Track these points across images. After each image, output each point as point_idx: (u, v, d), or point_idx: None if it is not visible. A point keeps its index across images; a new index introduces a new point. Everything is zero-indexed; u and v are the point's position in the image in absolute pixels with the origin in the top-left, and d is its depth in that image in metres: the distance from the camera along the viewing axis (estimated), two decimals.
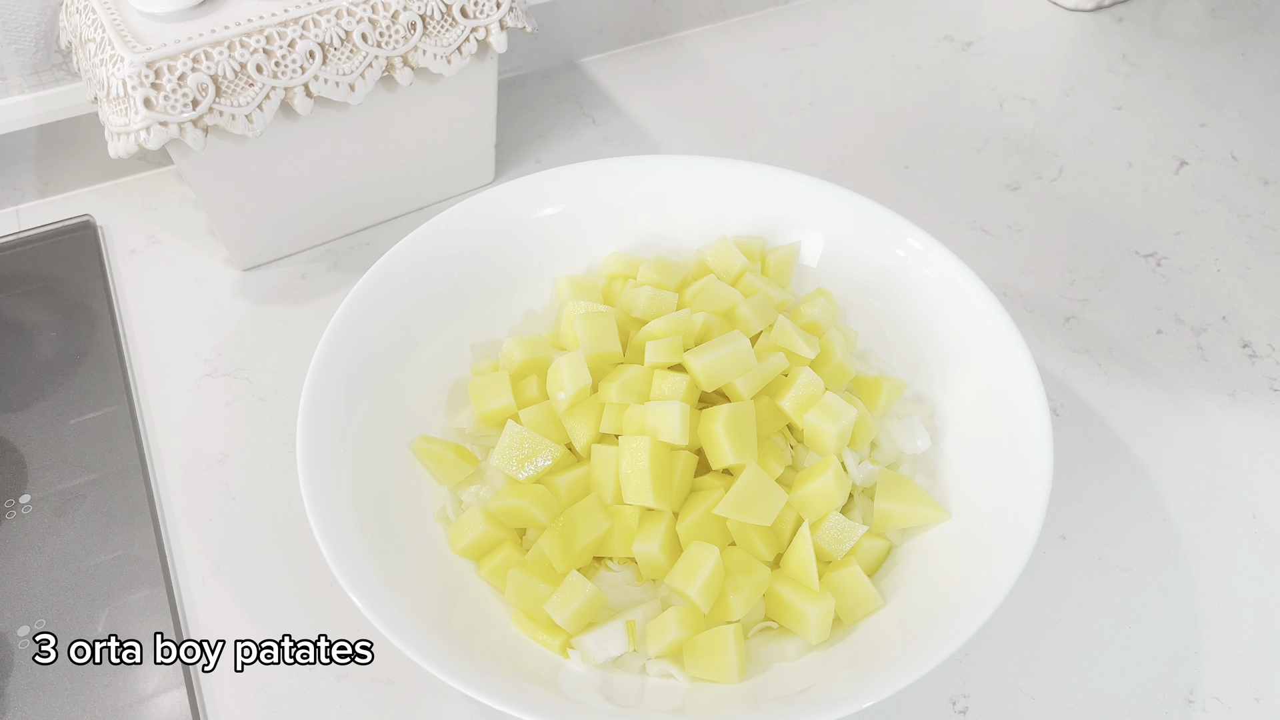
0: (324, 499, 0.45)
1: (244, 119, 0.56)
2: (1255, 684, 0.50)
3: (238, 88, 0.56)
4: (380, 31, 0.58)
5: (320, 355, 0.49)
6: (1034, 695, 0.49)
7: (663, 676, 0.46)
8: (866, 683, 0.41)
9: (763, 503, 0.46)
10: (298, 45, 0.56)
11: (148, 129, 0.54)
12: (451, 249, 0.56)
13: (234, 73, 0.55)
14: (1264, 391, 0.61)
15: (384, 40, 0.59)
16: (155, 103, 0.54)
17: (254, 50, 0.55)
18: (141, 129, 0.54)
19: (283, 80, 0.57)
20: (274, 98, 0.57)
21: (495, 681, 0.40)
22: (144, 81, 0.53)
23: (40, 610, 0.51)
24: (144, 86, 0.53)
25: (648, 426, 0.48)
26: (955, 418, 0.52)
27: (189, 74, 0.54)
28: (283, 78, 0.57)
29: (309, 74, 0.57)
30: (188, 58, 0.54)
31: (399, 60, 0.60)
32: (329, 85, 0.58)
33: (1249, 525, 0.55)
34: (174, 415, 0.59)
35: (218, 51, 0.54)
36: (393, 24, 0.58)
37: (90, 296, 0.65)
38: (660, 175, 0.59)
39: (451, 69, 0.62)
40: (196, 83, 0.54)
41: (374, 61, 0.59)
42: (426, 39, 0.60)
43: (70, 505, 0.55)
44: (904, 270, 0.56)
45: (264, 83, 0.56)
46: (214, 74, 0.55)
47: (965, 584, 0.45)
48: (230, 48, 0.55)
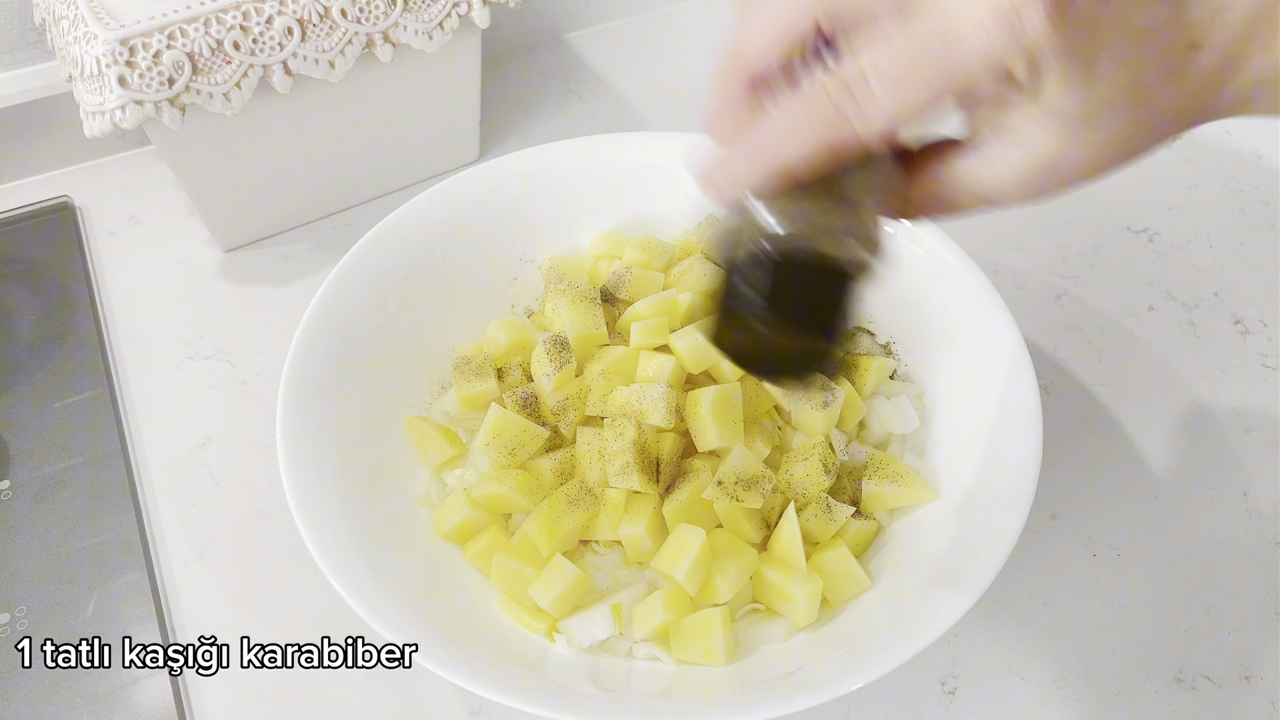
0: (305, 484, 0.44)
1: (222, 98, 0.55)
2: (1244, 663, 0.49)
3: (215, 65, 0.54)
4: (360, 7, 0.57)
5: (300, 338, 0.49)
6: (1023, 675, 0.49)
7: (649, 660, 0.45)
8: (855, 665, 0.41)
9: (749, 486, 0.46)
10: (275, 21, 0.55)
11: (123, 108, 0.53)
12: (434, 228, 0.55)
13: (210, 50, 0.54)
14: (1255, 368, 0.61)
15: (364, 16, 0.58)
16: (130, 81, 0.53)
17: (230, 27, 0.54)
18: (116, 108, 0.53)
19: (261, 58, 0.56)
20: (252, 76, 0.56)
21: (480, 667, 0.40)
22: (118, 59, 0.52)
23: (21, 597, 0.50)
24: (118, 64, 0.52)
25: (633, 409, 0.47)
26: (944, 397, 0.52)
27: (164, 51, 0.53)
28: (261, 55, 0.55)
29: (288, 51, 0.56)
30: (163, 34, 0.53)
31: (379, 36, 0.59)
32: (308, 63, 0.57)
33: (1240, 503, 0.55)
34: (155, 399, 0.59)
35: (193, 28, 0.53)
36: (380, 0, 0.58)
37: (69, 279, 0.64)
38: (647, 153, 0.58)
39: (433, 45, 0.61)
40: (172, 60, 0.53)
41: (354, 38, 0.58)
42: (408, 14, 0.59)
43: (51, 491, 0.54)
44: (893, 247, 0.55)
45: (241, 60, 0.55)
46: (190, 51, 0.53)
47: (954, 565, 0.44)
48: (206, 24, 0.54)
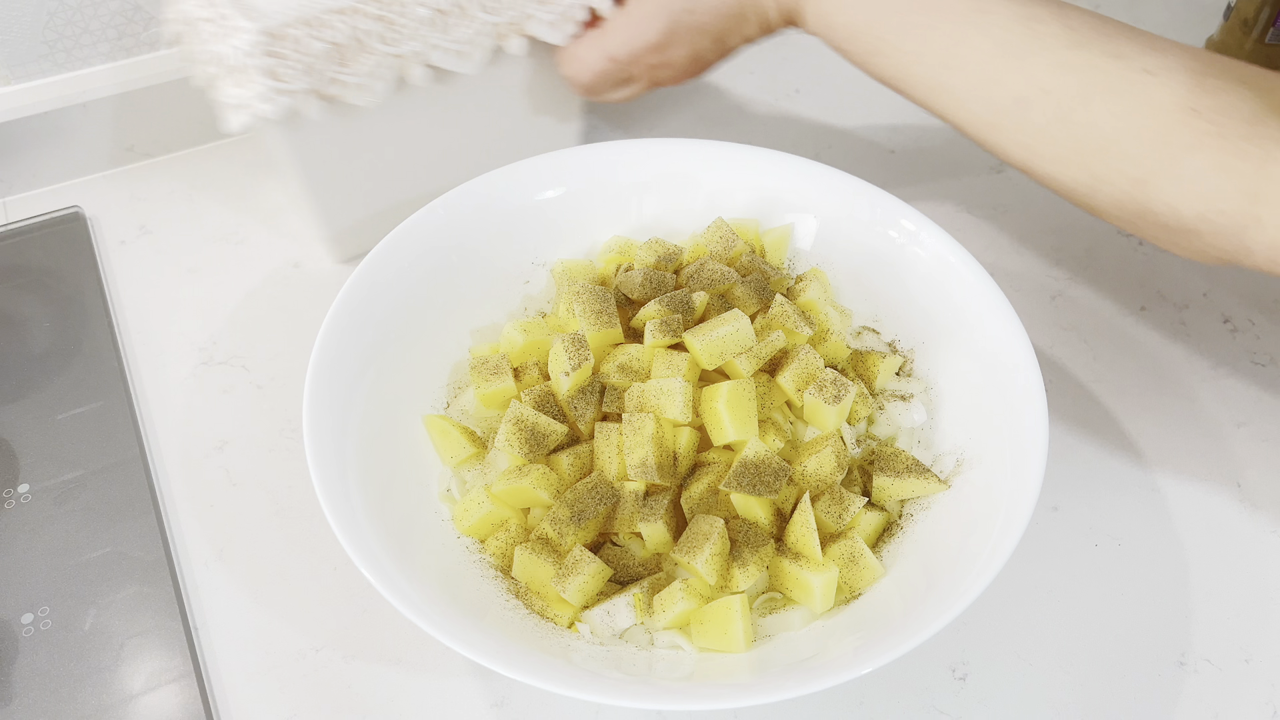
0: (331, 480, 0.45)
1: (362, 89, 0.55)
2: (1244, 646, 0.51)
3: (356, 56, 0.54)
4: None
5: (323, 338, 0.50)
6: (1031, 661, 0.50)
7: (671, 648, 0.46)
8: (869, 650, 0.42)
9: (765, 477, 0.47)
10: (415, 11, 0.55)
11: (267, 99, 0.53)
12: (450, 233, 0.56)
13: (352, 41, 0.54)
14: (1245, 364, 0.63)
15: (499, 6, 0.57)
16: (274, 72, 0.53)
17: (373, 17, 0.54)
18: (260, 99, 0.53)
19: (401, 48, 0.55)
20: (392, 67, 0.56)
21: (509, 653, 0.41)
22: (263, 51, 0.52)
23: (43, 598, 0.51)
24: (263, 56, 0.52)
25: (650, 404, 0.48)
26: (950, 392, 0.53)
27: (308, 42, 0.53)
28: (401, 45, 0.55)
29: (427, 42, 0.56)
30: (307, 25, 0.53)
31: (513, 27, 0.59)
32: (446, 54, 0.57)
33: (1234, 493, 0.57)
34: (171, 404, 0.59)
35: (337, 19, 0.53)
36: None
37: (82, 288, 0.65)
38: (657, 158, 0.59)
39: (560, 36, 0.60)
40: (315, 51, 0.53)
41: (488, 29, 0.57)
42: (539, 5, 0.58)
43: (71, 495, 0.54)
44: (897, 250, 0.56)
45: (383, 51, 0.55)
46: (333, 41, 0.53)
47: (963, 553, 0.46)
48: (349, 15, 0.53)
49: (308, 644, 0.50)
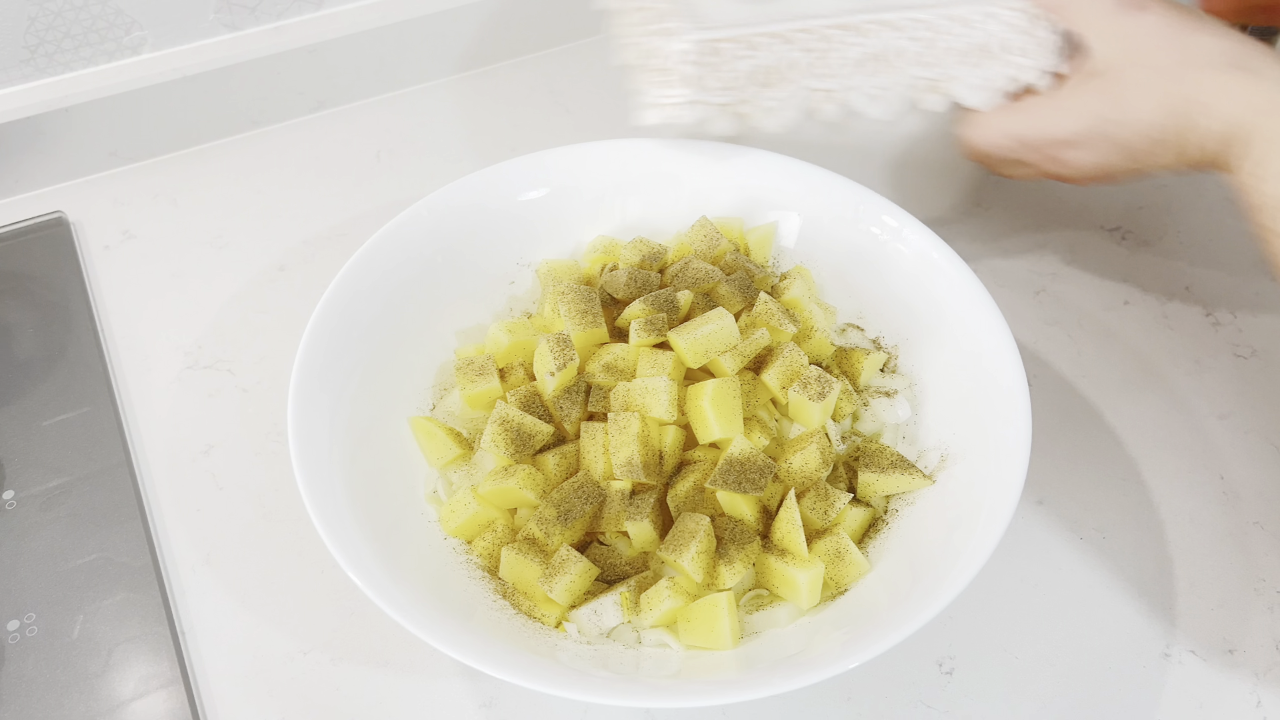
0: (317, 483, 0.45)
1: (774, 114, 0.55)
2: (1228, 637, 0.51)
3: (776, 81, 0.54)
4: (926, 50, 0.55)
5: (308, 341, 0.50)
6: (1017, 655, 0.51)
7: (658, 646, 0.46)
8: (856, 644, 0.42)
9: (750, 475, 0.47)
10: (846, 51, 0.54)
11: (683, 105, 0.53)
12: (435, 235, 0.56)
13: (778, 66, 0.53)
14: (1227, 357, 0.63)
15: (931, 61, 0.55)
16: (698, 81, 0.53)
17: (804, 48, 0.53)
18: (678, 104, 0.53)
19: (822, 82, 0.54)
20: (804, 98, 0.55)
21: (497, 653, 0.41)
22: (693, 60, 0.52)
23: (29, 605, 0.50)
24: (691, 64, 0.52)
25: (636, 403, 0.49)
26: (934, 388, 0.54)
27: (737, 59, 0.52)
28: (824, 80, 0.54)
29: (848, 81, 0.54)
30: (740, 43, 0.52)
31: (935, 84, 0.56)
32: (863, 97, 0.55)
33: (1217, 486, 0.57)
34: (157, 409, 0.59)
35: (769, 42, 0.53)
36: (945, 50, 0.55)
37: (66, 293, 0.65)
38: (641, 157, 0.59)
39: (979, 100, 0.57)
40: (741, 70, 0.53)
41: (910, 81, 0.55)
42: (969, 69, 0.56)
43: (56, 501, 0.54)
44: (880, 247, 0.57)
45: (802, 81, 0.54)
46: (759, 64, 0.53)
47: (948, 548, 0.46)
48: (782, 40, 0.53)
49: (296, 647, 0.50)
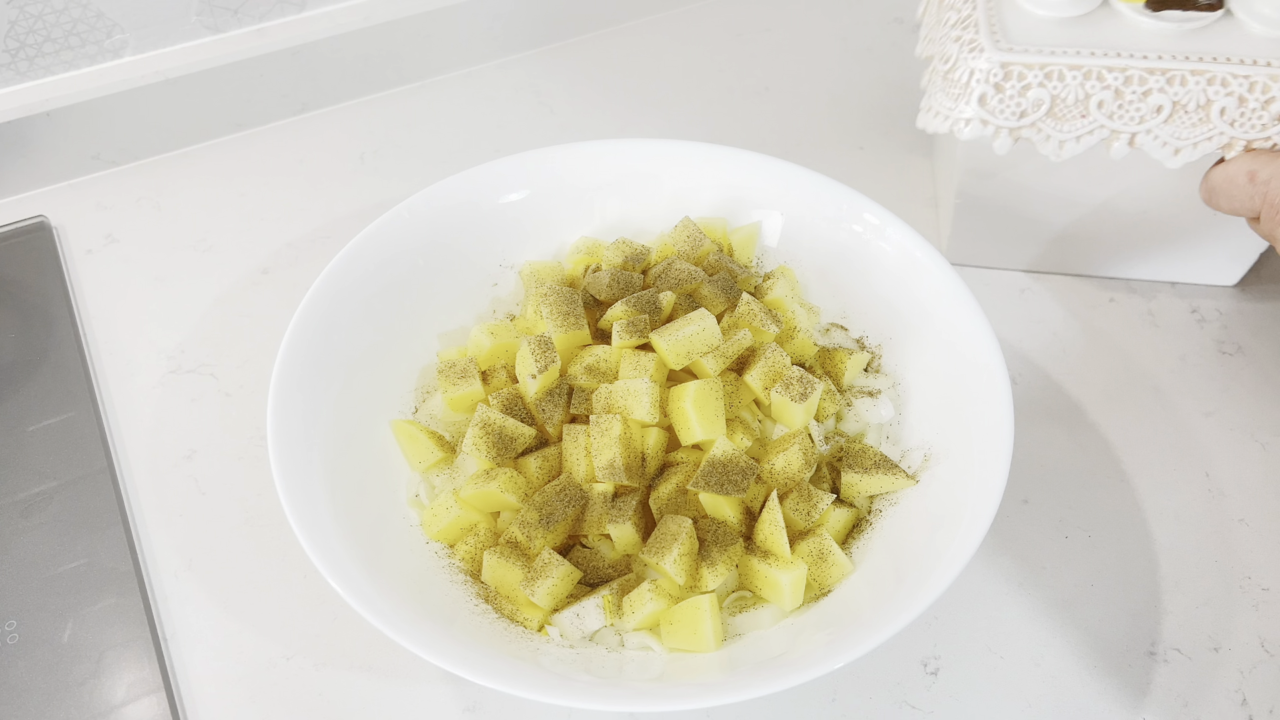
0: (297, 487, 0.45)
1: (1058, 144, 0.53)
2: (1213, 635, 0.51)
3: (1070, 115, 0.53)
4: (1244, 112, 0.52)
5: (288, 345, 0.49)
6: (1002, 654, 0.50)
7: (641, 649, 0.46)
8: (839, 645, 0.42)
9: (733, 476, 0.47)
10: (1151, 97, 0.52)
11: (969, 122, 0.53)
12: (416, 237, 0.56)
13: (1075, 100, 0.52)
14: (1212, 354, 0.63)
15: (1242, 122, 0.52)
16: (989, 101, 0.52)
17: (1107, 86, 0.52)
18: (964, 120, 0.53)
19: (1116, 124, 0.53)
20: (1097, 136, 0.53)
21: (478, 659, 0.41)
22: (990, 79, 0.52)
23: (11, 611, 0.50)
24: (987, 84, 0.52)
25: (618, 405, 0.48)
26: (918, 387, 0.54)
27: (1033, 87, 0.52)
28: (1117, 121, 0.53)
29: (1144, 126, 0.53)
30: (1041, 70, 0.51)
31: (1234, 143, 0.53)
32: (1157, 142, 0.53)
33: (1202, 483, 0.57)
34: (139, 414, 0.59)
35: (1072, 74, 0.52)
36: (1262, 109, 0.51)
37: (48, 298, 0.64)
38: (624, 158, 0.59)
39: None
40: (1035, 97, 0.52)
41: (1218, 138, 0.53)
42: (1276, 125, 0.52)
43: (38, 507, 0.54)
44: (863, 246, 0.57)
45: (1098, 120, 0.53)
46: (1056, 94, 0.52)
47: (931, 548, 0.46)
48: (1085, 75, 0.52)
49: (278, 652, 0.50)
